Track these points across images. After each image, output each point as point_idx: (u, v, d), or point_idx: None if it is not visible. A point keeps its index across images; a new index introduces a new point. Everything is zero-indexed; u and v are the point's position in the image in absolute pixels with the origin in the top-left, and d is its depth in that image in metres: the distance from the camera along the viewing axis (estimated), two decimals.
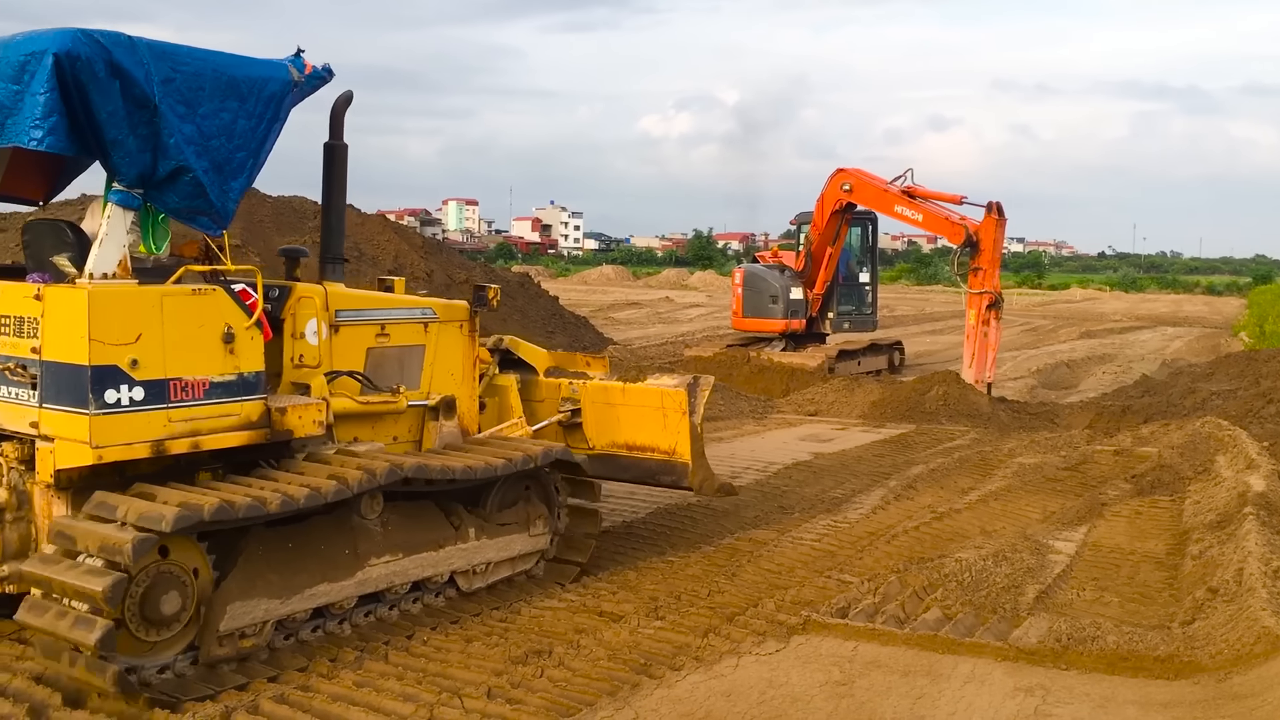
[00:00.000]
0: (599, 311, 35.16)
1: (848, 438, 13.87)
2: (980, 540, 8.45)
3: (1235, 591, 6.56)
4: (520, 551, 7.12)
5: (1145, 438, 13.05)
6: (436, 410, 7.06)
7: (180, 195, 5.59)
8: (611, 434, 8.02)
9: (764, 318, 20.40)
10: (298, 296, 6.46)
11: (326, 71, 6.19)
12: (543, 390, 8.29)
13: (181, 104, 5.45)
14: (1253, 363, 17.74)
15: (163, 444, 5.41)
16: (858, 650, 6.15)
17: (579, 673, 5.71)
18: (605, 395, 8.01)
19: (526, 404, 8.12)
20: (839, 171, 19.44)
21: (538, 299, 25.23)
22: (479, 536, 6.81)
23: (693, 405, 7.67)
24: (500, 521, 6.99)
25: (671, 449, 7.75)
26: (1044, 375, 22.85)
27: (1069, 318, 42.82)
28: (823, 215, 19.62)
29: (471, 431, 7.40)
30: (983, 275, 17.09)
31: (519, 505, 7.11)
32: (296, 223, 21.03)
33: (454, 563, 6.68)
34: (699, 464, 7.76)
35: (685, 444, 7.67)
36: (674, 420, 7.69)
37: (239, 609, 5.50)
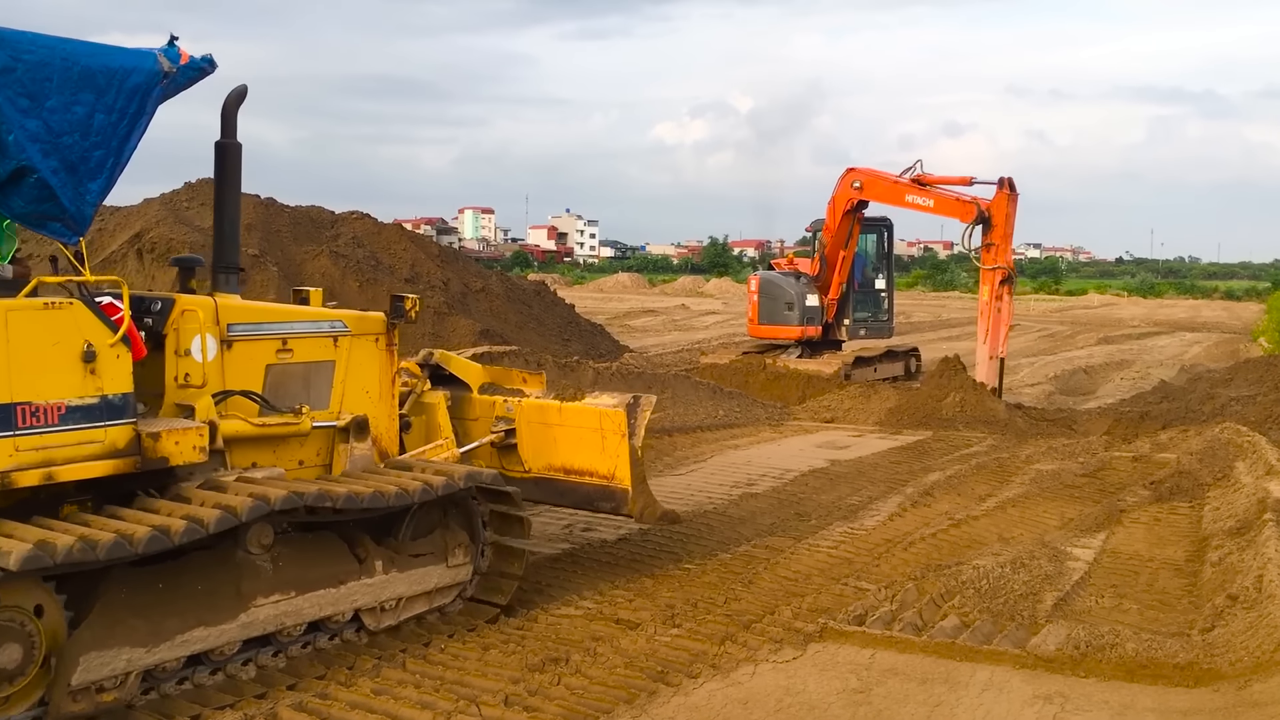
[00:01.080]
0: (615, 319, 35.19)
1: (864, 444, 13.84)
2: (998, 547, 8.43)
3: (1255, 598, 6.53)
4: (437, 585, 6.52)
5: (1164, 444, 12.99)
6: (347, 431, 6.48)
7: (26, 199, 5.05)
8: (548, 456, 7.50)
9: (780, 324, 20.35)
10: (181, 309, 5.82)
11: (206, 62, 5.59)
12: (476, 408, 7.78)
13: (24, 96, 4.88)
14: (1272, 368, 17.64)
15: (8, 476, 4.79)
16: (875, 658, 6.14)
17: (596, 680, 5.72)
18: (541, 415, 7.51)
19: (459, 423, 7.65)
20: (849, 171, 19.46)
21: (554, 307, 25.28)
22: (388, 569, 6.21)
23: (632, 427, 7.16)
24: (414, 552, 6.41)
25: (610, 473, 7.23)
26: (1061, 381, 22.75)
27: (1087, 323, 42.61)
28: (834, 217, 19.63)
29: (392, 453, 6.87)
30: (995, 250, 17.08)
31: (436, 534, 6.55)
32: (314, 232, 21.14)
33: (358, 599, 6.06)
34: (639, 490, 7.24)
35: (625, 468, 7.16)
36: (613, 442, 7.18)
37: (95, 660, 4.90)
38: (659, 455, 12.41)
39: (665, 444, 13.03)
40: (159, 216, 19.00)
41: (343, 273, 19.80)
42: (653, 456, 12.30)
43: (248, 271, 18.01)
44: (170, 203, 20.03)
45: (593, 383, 13.90)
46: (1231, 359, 25.65)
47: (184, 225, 18.73)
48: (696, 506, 9.92)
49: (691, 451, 12.89)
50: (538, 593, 7.25)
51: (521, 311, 23.52)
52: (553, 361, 13.77)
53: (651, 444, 10.56)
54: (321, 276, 19.54)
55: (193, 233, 18.48)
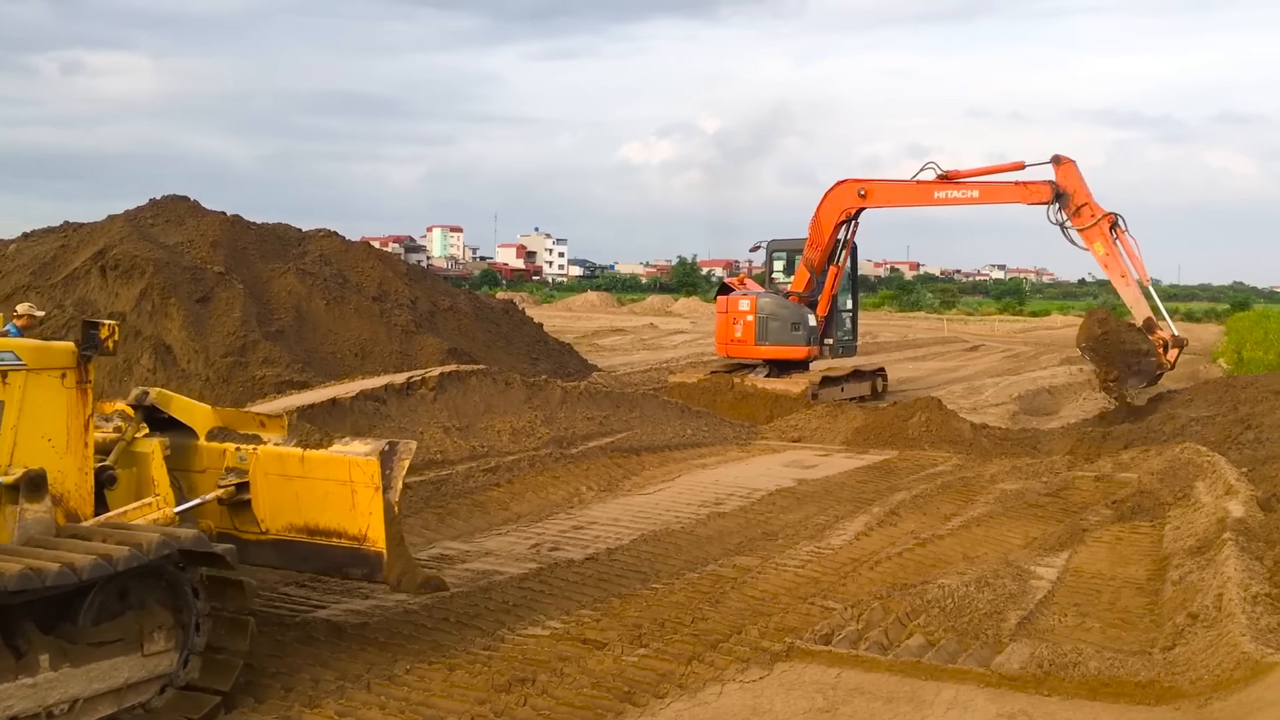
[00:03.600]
0: (583, 338, 35.18)
1: (831, 464, 13.90)
2: (963, 566, 8.49)
3: (1215, 617, 6.61)
4: (129, 679, 5.32)
5: (1125, 464, 13.13)
6: (17, 489, 5.34)
7: None
8: (289, 514, 6.38)
9: (787, 345, 20.20)
10: None
11: None
12: (204, 458, 6.60)
13: None
14: (1231, 389, 17.89)
15: None
16: (841, 677, 6.16)
17: (562, 701, 5.71)
18: (281, 465, 6.37)
19: (183, 475, 6.54)
20: (843, 182, 19.70)
21: (522, 326, 25.24)
22: (58, 665, 5.01)
23: (388, 478, 6.19)
24: (97, 640, 5.21)
25: (362, 534, 6.16)
26: (1025, 401, 22.96)
27: (1050, 344, 43.03)
28: (822, 231, 19.81)
29: (84, 515, 5.76)
30: (1086, 210, 17.69)
31: (129, 615, 5.36)
32: (281, 250, 21.01)
33: (14, 705, 4.85)
34: (396, 553, 6.20)
35: (378, 527, 6.11)
36: (365, 497, 6.12)
37: None
38: (627, 474, 12.42)
39: (633, 463, 13.03)
40: (123, 233, 18.81)
41: (310, 291, 19.69)
42: (620, 475, 12.32)
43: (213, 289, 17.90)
44: (135, 219, 19.84)
45: (561, 401, 13.88)
46: (1192, 380, 25.97)
47: (148, 242, 18.55)
48: (664, 526, 9.93)
49: (659, 471, 12.89)
50: (505, 613, 7.23)
51: (490, 330, 23.47)
52: (521, 380, 13.74)
53: (411, 489, 9.56)
54: (288, 294, 19.43)
55: (157, 249, 18.32)
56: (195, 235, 19.51)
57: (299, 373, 16.83)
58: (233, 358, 16.88)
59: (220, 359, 16.81)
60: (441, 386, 12.30)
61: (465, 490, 10.85)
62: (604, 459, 12.87)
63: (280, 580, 7.80)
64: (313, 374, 16.78)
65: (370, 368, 17.29)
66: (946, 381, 26.90)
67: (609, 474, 12.32)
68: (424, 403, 12.01)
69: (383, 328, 19.78)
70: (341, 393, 11.37)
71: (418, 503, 10.27)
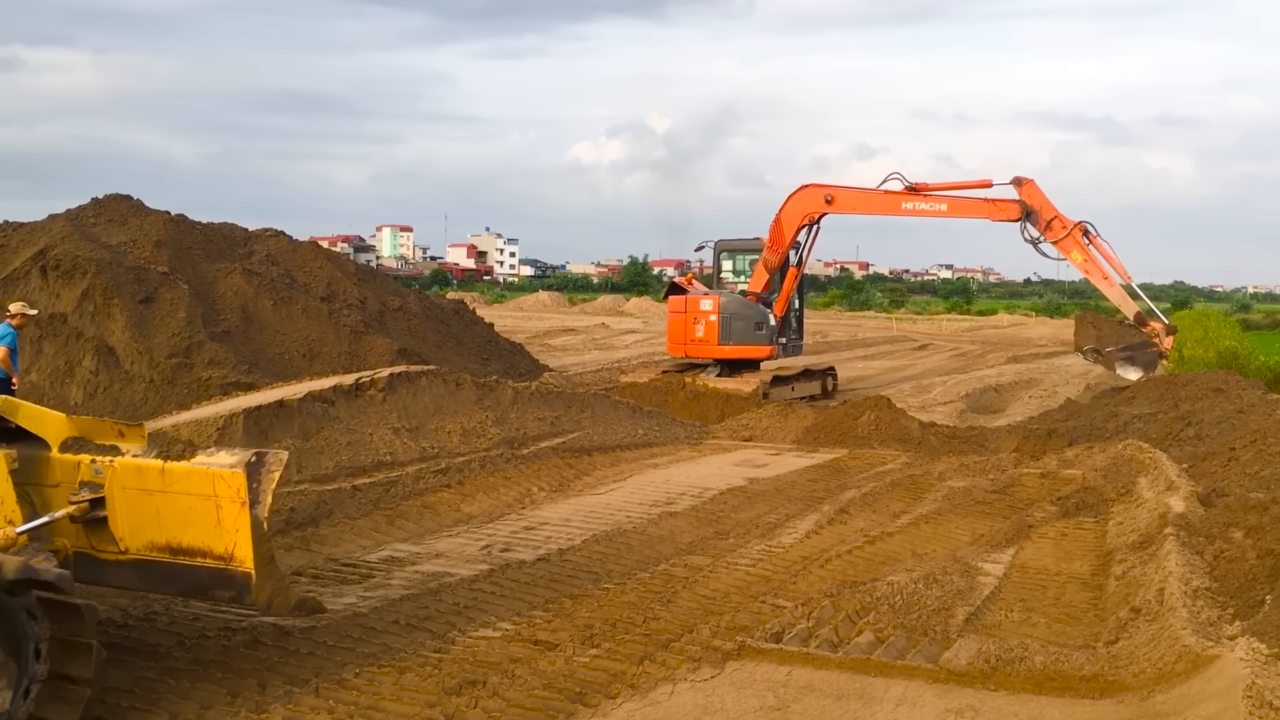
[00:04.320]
0: (535, 338, 35.08)
1: (782, 463, 13.97)
2: (911, 563, 8.57)
3: (1157, 611, 6.73)
4: None
5: (1070, 460, 13.33)
6: None
7: None
8: (150, 532, 5.94)
9: (752, 344, 20.45)
10: None
11: None
12: (57, 471, 6.12)
13: None
14: (1172, 386, 18.21)
15: None
16: (792, 675, 6.19)
17: (513, 703, 5.68)
18: (140, 479, 5.91)
19: (35, 490, 6.09)
20: (806, 187, 20.10)
21: (473, 326, 25.10)
22: None
23: (255, 492, 5.74)
24: None
25: (228, 553, 5.74)
26: (972, 400, 23.24)
27: (996, 343, 43.62)
28: (783, 233, 20.11)
29: None
30: (1056, 222, 18.64)
31: None
32: (227, 250, 20.72)
33: None
34: (266, 573, 5.79)
35: (245, 545, 5.70)
36: (230, 513, 5.71)
37: None
38: (578, 475, 12.40)
39: (585, 463, 13.02)
40: (64, 233, 18.44)
41: (256, 291, 19.43)
42: (572, 476, 12.30)
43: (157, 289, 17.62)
44: (76, 219, 19.45)
45: (512, 402, 13.82)
46: None
47: (90, 242, 18.21)
48: (616, 526, 9.92)
49: (611, 471, 12.89)
50: (456, 615, 7.18)
51: (440, 330, 23.31)
52: (472, 381, 13.66)
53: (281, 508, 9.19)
54: (234, 295, 19.16)
55: (99, 249, 17.99)
56: (138, 235, 19.17)
57: (245, 374, 16.61)
58: (178, 359, 16.62)
59: (165, 360, 16.55)
60: (391, 387, 12.19)
61: (415, 492, 10.77)
62: (555, 459, 12.84)
63: None
64: (260, 375, 16.57)
65: (318, 369, 17.10)
66: (895, 380, 27.16)
67: (560, 474, 12.30)
68: (373, 404, 11.91)
69: (331, 328, 19.57)
70: (289, 394, 11.23)
71: (367, 505, 10.19)
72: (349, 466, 10.65)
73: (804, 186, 20.19)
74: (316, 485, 10.09)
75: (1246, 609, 6.68)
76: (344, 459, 10.70)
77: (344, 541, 9.25)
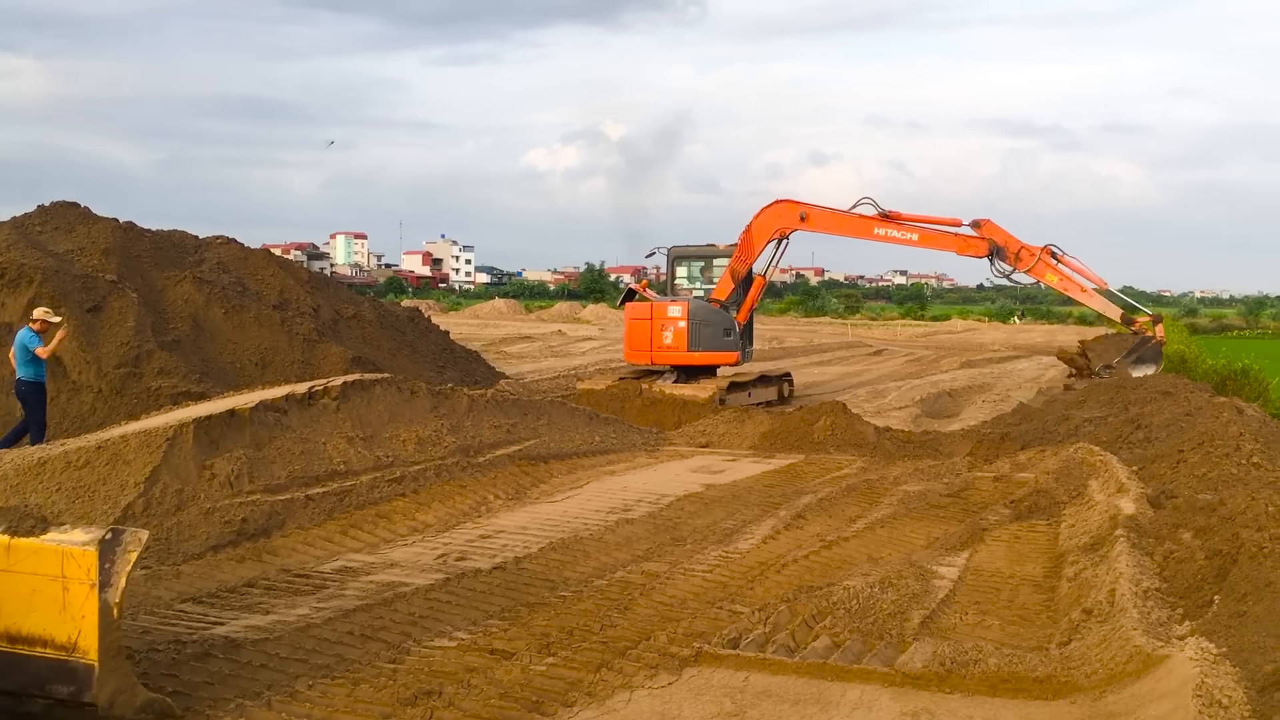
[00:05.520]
0: (491, 345, 34.93)
1: (739, 469, 14.00)
2: (867, 567, 8.61)
3: (1108, 612, 6.80)
4: None
5: (1023, 464, 13.48)
6: None
7: None
8: None
9: (720, 350, 20.64)
10: None
11: None
12: None
13: None
14: (1122, 390, 18.47)
15: None
16: (749, 680, 6.19)
17: (469, 713, 5.63)
18: None
19: None
20: (781, 202, 20.55)
21: (428, 333, 24.97)
22: None
23: (107, 574, 5.15)
24: None
25: (71, 641, 5.13)
26: (927, 404, 23.43)
27: (950, 348, 44.04)
28: (752, 245, 20.49)
29: None
30: (1024, 253, 19.74)
31: None
32: (177, 258, 20.46)
33: None
34: (111, 666, 5.16)
35: (91, 635, 5.10)
36: (78, 596, 5.11)
37: None
38: (535, 482, 12.35)
39: (541, 471, 12.96)
40: (9, 240, 18.09)
41: (207, 299, 19.19)
42: (528, 484, 12.25)
43: (105, 298, 17.33)
44: (21, 226, 19.10)
45: (468, 410, 13.73)
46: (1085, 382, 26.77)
47: (36, 250, 17.88)
48: (573, 533, 9.89)
49: (568, 478, 12.85)
50: (411, 625, 7.11)
51: (395, 338, 23.16)
52: (427, 388, 13.56)
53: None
54: (185, 303, 18.92)
55: (46, 257, 17.67)
56: (86, 242, 18.87)
57: (196, 383, 16.38)
58: (126, 368, 16.36)
59: (113, 370, 16.28)
60: (345, 396, 12.06)
61: (370, 501, 10.67)
62: (512, 467, 12.78)
63: (175, 597, 7.59)
64: (211, 384, 16.35)
65: (271, 377, 16.91)
66: (851, 386, 27.34)
67: (517, 482, 12.24)
68: (327, 412, 11.77)
69: (284, 336, 19.37)
70: (240, 403, 11.07)
71: (320, 515, 10.08)
72: (302, 476, 10.52)
73: (779, 201, 20.62)
74: (269, 495, 9.95)
75: (1195, 609, 6.78)
76: (297, 468, 10.57)
77: (297, 552, 9.14)
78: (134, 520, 8.67)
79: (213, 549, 8.88)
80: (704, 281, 22.16)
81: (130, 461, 9.29)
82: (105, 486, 9.05)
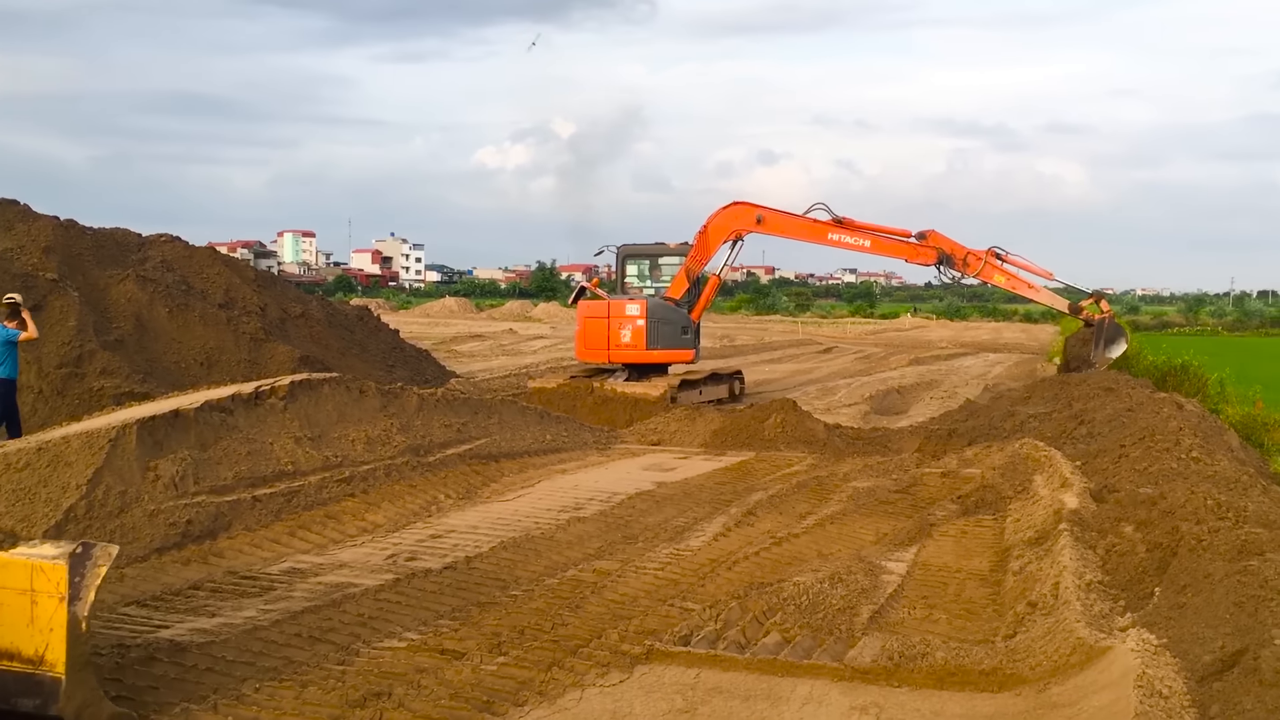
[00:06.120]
0: (441, 344, 34.73)
1: (690, 466, 14.04)
2: (817, 564, 8.67)
3: (1053, 605, 6.91)
4: None
5: (970, 460, 13.63)
6: None
7: None
8: None
9: (677, 348, 20.73)
10: None
11: None
12: None
13: None
14: (1065, 386, 18.76)
15: None
16: (700, 677, 6.21)
17: (419, 714, 5.60)
18: None
19: None
20: (738, 204, 20.69)
21: (378, 332, 24.76)
22: None
23: (77, 588, 5.19)
24: None
25: (38, 655, 5.16)
26: (876, 401, 23.65)
27: (899, 345, 44.48)
28: (707, 245, 20.66)
29: None
30: (971, 258, 20.24)
31: None
32: (120, 256, 20.12)
33: None
34: (78, 679, 5.18)
35: (59, 648, 5.15)
36: (46, 609, 5.16)
37: None
38: (485, 481, 12.30)
39: (492, 470, 12.92)
40: None
41: (151, 298, 18.90)
42: (479, 483, 12.19)
43: (46, 297, 17.00)
44: None
45: (418, 409, 13.64)
46: (1030, 378, 27.19)
47: None
48: (524, 532, 9.86)
49: (519, 477, 12.81)
50: (360, 626, 7.06)
51: (344, 337, 22.95)
52: (376, 388, 13.45)
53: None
54: (128, 302, 18.61)
55: None
56: (26, 240, 18.50)
57: (140, 384, 16.12)
58: (68, 369, 16.07)
59: (54, 370, 15.99)
60: (292, 395, 11.93)
61: (318, 501, 10.57)
62: (462, 466, 12.72)
63: (119, 600, 7.47)
64: (155, 385, 16.11)
65: (217, 377, 16.68)
66: (801, 383, 27.52)
67: (467, 481, 12.18)
68: (274, 412, 11.63)
69: (230, 336, 19.13)
70: (185, 404, 10.91)
71: (268, 516, 9.97)
72: (249, 477, 10.40)
73: (736, 203, 20.80)
74: (214, 497, 9.82)
75: (1137, 601, 6.90)
76: (243, 469, 10.44)
77: (244, 554, 9.03)
78: (75, 523, 8.52)
79: (157, 551, 8.75)
80: (653, 280, 22.20)
81: (72, 463, 9.12)
82: (46, 489, 8.88)
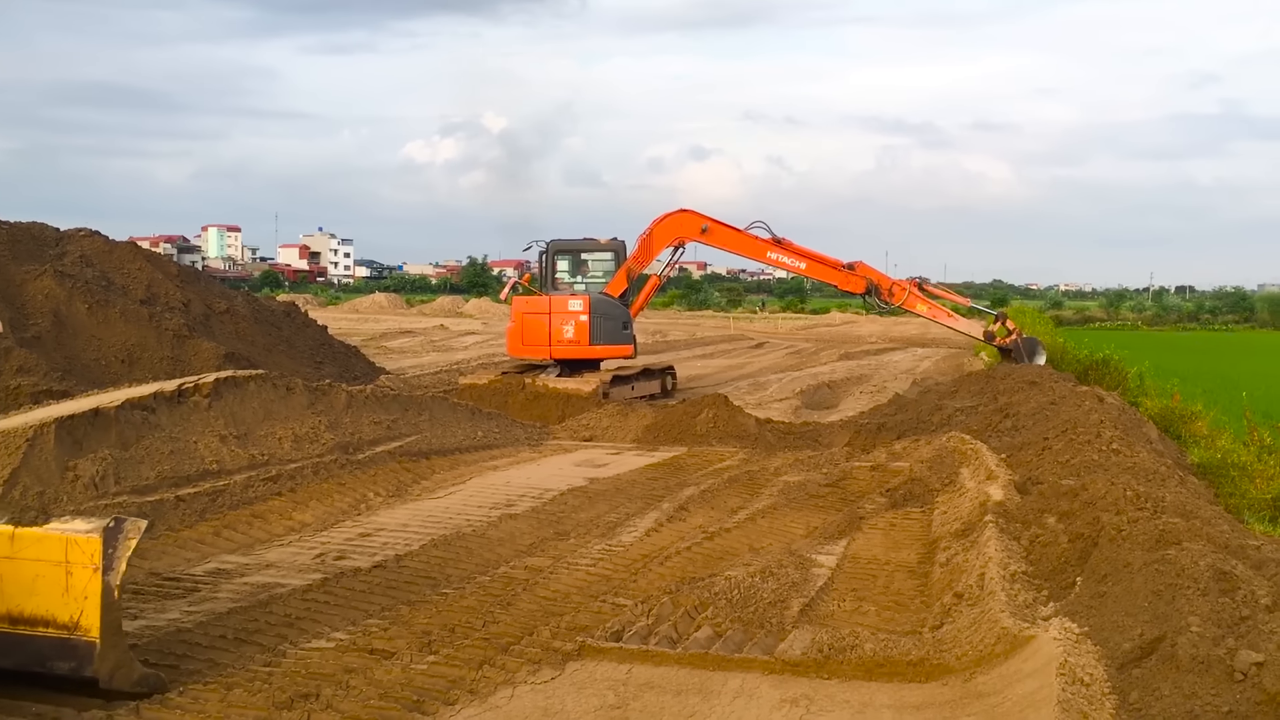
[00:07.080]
0: (371, 340, 34.34)
1: (622, 462, 14.05)
2: (749, 558, 8.73)
3: (978, 595, 7.03)
4: None
5: (898, 453, 13.82)
6: None
7: None
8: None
9: (618, 344, 20.87)
10: None
11: None
12: None
13: None
14: (991, 380, 19.12)
15: None
16: (632, 673, 6.22)
17: (348, 715, 5.53)
18: None
19: None
20: (684, 212, 21.03)
21: (305, 329, 24.37)
22: None
23: (110, 559, 5.62)
24: None
25: (73, 621, 5.60)
26: (807, 396, 23.86)
27: (830, 340, 44.96)
28: (649, 249, 21.07)
29: None
30: (896, 288, 21.12)
31: None
32: (36, 251, 19.57)
33: None
34: (112, 642, 5.62)
35: (94, 614, 5.58)
36: (81, 579, 5.59)
37: None
38: (416, 479, 12.19)
39: (423, 467, 12.80)
40: None
41: (70, 294, 18.41)
42: (409, 480, 12.07)
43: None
44: None
45: (346, 406, 13.48)
46: (957, 372, 27.64)
47: None
48: (455, 530, 9.79)
49: (450, 474, 12.71)
50: (287, 626, 6.95)
51: (270, 334, 22.54)
52: (304, 385, 13.25)
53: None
54: (45, 298, 18.10)
55: None
56: None
57: (58, 381, 15.68)
58: None
59: None
60: (217, 393, 11.71)
61: (244, 501, 10.39)
62: (392, 464, 12.59)
63: None
64: (74, 382, 15.69)
65: (139, 375, 16.30)
66: (733, 379, 27.68)
67: (397, 479, 12.06)
68: (198, 410, 11.42)
69: (152, 332, 18.69)
70: (105, 402, 10.66)
71: (192, 516, 9.78)
72: (172, 476, 10.19)
73: (683, 211, 21.27)
74: (136, 496, 9.61)
75: (1059, 590, 7.05)
76: (166, 468, 10.23)
77: (167, 554, 8.84)
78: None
79: None
80: (583, 275, 22.15)
81: None
82: None
